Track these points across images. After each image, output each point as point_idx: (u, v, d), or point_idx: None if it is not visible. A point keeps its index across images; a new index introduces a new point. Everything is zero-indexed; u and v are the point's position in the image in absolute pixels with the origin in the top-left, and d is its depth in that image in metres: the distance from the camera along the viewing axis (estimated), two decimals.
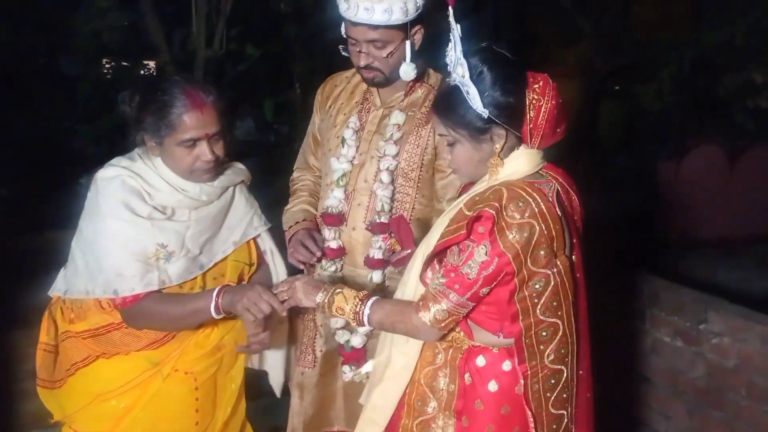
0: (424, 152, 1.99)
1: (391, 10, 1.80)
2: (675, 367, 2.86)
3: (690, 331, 2.80)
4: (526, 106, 1.50)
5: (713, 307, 2.74)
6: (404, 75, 1.91)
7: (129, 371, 1.84)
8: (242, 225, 1.94)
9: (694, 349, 2.78)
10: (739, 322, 2.64)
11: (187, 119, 1.70)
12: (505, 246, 1.44)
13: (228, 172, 1.92)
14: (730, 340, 2.65)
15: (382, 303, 1.60)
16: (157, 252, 1.75)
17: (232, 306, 1.73)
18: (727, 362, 2.65)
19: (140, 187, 1.76)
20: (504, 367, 1.56)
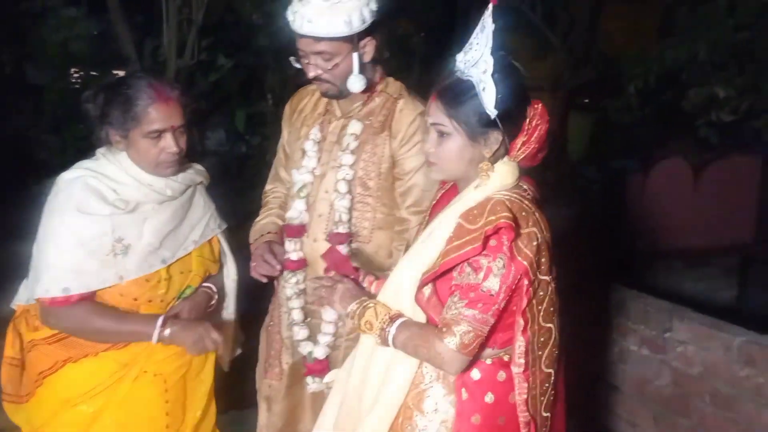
0: (382, 160, 1.98)
1: (334, 23, 1.81)
2: (642, 375, 2.90)
3: (656, 339, 2.84)
4: (525, 121, 1.52)
5: (678, 315, 2.78)
6: (351, 87, 1.91)
7: (97, 374, 1.82)
8: (201, 224, 1.97)
9: (660, 357, 2.82)
10: (703, 331, 2.69)
11: (153, 111, 1.76)
12: (521, 256, 1.45)
13: (189, 170, 1.96)
14: (695, 348, 2.70)
15: (408, 325, 1.54)
16: (114, 247, 1.76)
17: (176, 340, 1.80)
18: (692, 370, 2.70)
19: (103, 185, 1.79)
20: (499, 378, 1.56)
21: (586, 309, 3.17)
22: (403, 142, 1.96)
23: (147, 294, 1.84)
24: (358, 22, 1.82)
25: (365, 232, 2.01)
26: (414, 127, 1.96)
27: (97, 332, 1.79)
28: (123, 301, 1.82)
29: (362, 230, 2.01)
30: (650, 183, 6.01)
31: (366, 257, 2.00)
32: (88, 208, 1.75)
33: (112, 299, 1.81)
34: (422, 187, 1.96)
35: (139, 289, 1.82)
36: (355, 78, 1.89)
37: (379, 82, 2.02)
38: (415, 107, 1.98)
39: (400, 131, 1.96)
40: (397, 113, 1.98)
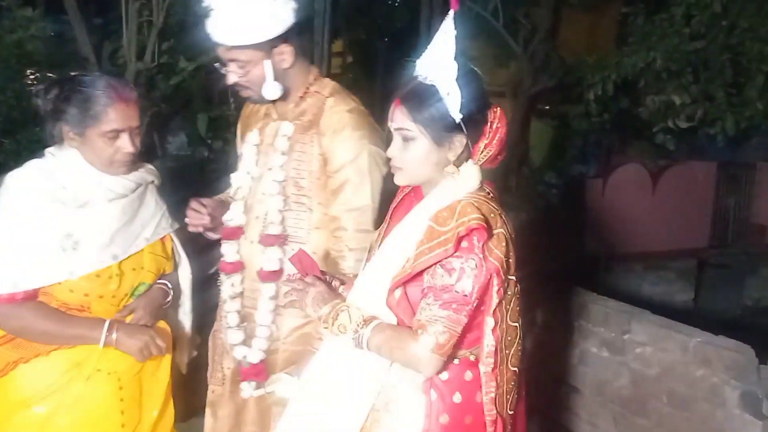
0: (312, 159, 1.98)
1: (242, 31, 1.82)
2: (602, 376, 2.95)
3: (615, 341, 2.90)
4: (487, 125, 1.54)
5: (637, 318, 2.84)
6: (266, 94, 1.92)
7: (50, 373, 1.80)
8: (153, 223, 1.97)
9: (619, 358, 2.87)
10: (660, 332, 2.74)
11: (112, 111, 1.76)
12: (492, 257, 1.46)
13: (141, 169, 1.96)
14: (653, 350, 2.75)
15: (382, 328, 1.52)
16: (63, 243, 1.75)
17: (123, 346, 1.81)
18: (650, 371, 2.75)
19: (52, 183, 1.78)
20: (466, 377, 1.56)
21: (547, 312, 3.22)
22: (332, 138, 1.96)
23: (98, 289, 1.82)
24: (268, 30, 1.84)
25: (302, 233, 2.00)
26: (343, 122, 1.96)
27: (42, 334, 1.78)
28: (73, 297, 1.80)
29: (299, 231, 2.00)
30: (609, 188, 6.13)
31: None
32: (35, 205, 1.75)
33: (63, 295, 1.79)
34: (354, 183, 1.95)
35: (89, 284, 1.80)
36: (268, 85, 1.91)
37: (312, 84, 2.04)
38: (345, 104, 1.99)
39: (329, 127, 1.96)
40: (326, 111, 1.99)
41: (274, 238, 1.97)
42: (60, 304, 1.80)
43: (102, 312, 1.85)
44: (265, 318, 2.02)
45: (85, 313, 1.83)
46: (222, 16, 1.82)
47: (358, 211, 1.95)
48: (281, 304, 2.03)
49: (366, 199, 1.95)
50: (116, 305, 1.87)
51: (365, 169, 1.94)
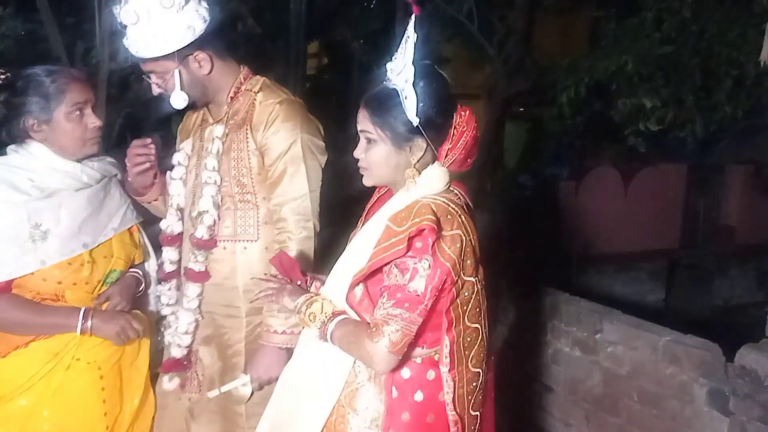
0: (249, 155, 2.00)
1: (150, 44, 1.84)
2: (574, 375, 2.99)
3: (587, 341, 2.94)
4: (450, 129, 1.55)
5: (608, 317, 2.89)
6: (173, 103, 1.93)
7: (29, 365, 1.81)
8: (120, 214, 2.00)
9: (591, 358, 2.92)
10: (631, 332, 2.79)
11: (72, 87, 1.82)
12: (444, 257, 1.48)
13: (105, 161, 2.00)
14: (624, 348, 2.80)
15: (346, 322, 1.55)
16: (32, 234, 1.78)
17: (100, 332, 1.83)
18: (621, 369, 2.80)
19: (16, 176, 1.81)
20: (428, 377, 1.58)
21: (520, 312, 3.26)
22: (264, 131, 1.97)
23: (70, 277, 1.84)
24: (176, 41, 1.85)
25: (252, 230, 2.02)
26: (274, 115, 1.97)
27: (18, 324, 1.80)
28: (47, 286, 1.82)
29: (248, 228, 2.02)
30: (582, 190, 6.20)
31: (258, 255, 2.01)
32: (1, 198, 1.77)
33: (36, 285, 1.81)
34: (290, 173, 1.97)
35: (62, 273, 1.82)
36: (175, 94, 1.91)
37: (243, 83, 2.05)
38: (275, 96, 2.01)
39: (262, 122, 1.98)
40: (257, 106, 2.00)
41: (203, 242, 1.99)
42: (34, 295, 1.82)
43: (77, 301, 1.86)
44: (188, 317, 2.05)
45: (60, 302, 1.85)
46: (133, 30, 1.84)
47: (297, 200, 1.96)
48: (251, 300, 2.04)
49: (303, 188, 1.96)
50: (90, 293, 1.89)
51: (299, 158, 1.96)
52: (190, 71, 1.91)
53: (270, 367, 1.89)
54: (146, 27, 1.82)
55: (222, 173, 2.00)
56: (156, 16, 1.81)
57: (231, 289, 2.03)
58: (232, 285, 2.03)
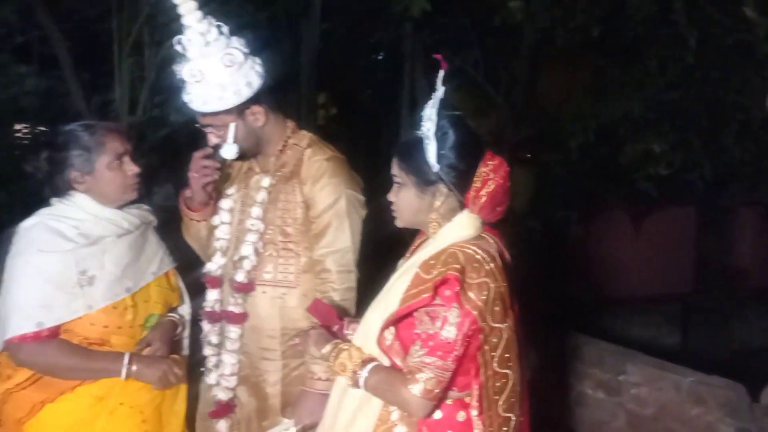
0: (295, 207, 2.10)
1: (208, 99, 1.95)
2: (599, 418, 2.99)
3: (610, 382, 2.95)
4: (474, 175, 1.61)
5: (631, 359, 2.91)
6: (224, 154, 2.04)
7: (75, 410, 1.87)
8: (157, 259, 2.10)
9: (615, 399, 2.92)
10: (654, 373, 2.81)
11: (111, 138, 1.95)
12: (470, 305, 1.53)
13: (144, 208, 2.10)
14: (648, 390, 2.81)
15: (379, 369, 1.61)
16: (79, 280, 1.85)
17: (143, 377, 1.90)
18: (646, 411, 2.81)
19: (63, 224, 1.89)
20: (459, 418, 1.63)
21: (539, 354, 3.27)
22: (312, 185, 2.09)
23: (116, 321, 1.92)
24: (234, 97, 1.96)
25: (292, 278, 2.11)
26: (322, 170, 2.09)
27: (66, 369, 1.86)
28: (94, 330, 1.89)
29: (288, 275, 2.11)
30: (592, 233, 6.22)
31: (296, 301, 2.09)
32: (49, 246, 1.85)
33: (84, 330, 1.88)
34: (335, 226, 2.07)
35: (107, 317, 1.90)
36: (227, 147, 2.02)
37: (291, 137, 2.17)
38: (322, 153, 2.14)
39: (310, 176, 2.09)
40: (305, 161, 2.12)
41: (242, 285, 2.09)
42: (81, 340, 1.89)
43: (121, 345, 1.93)
44: (231, 358, 2.13)
45: (106, 346, 1.92)
46: (193, 86, 1.94)
47: (340, 252, 2.06)
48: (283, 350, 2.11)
49: (346, 241, 2.07)
50: (133, 337, 1.97)
51: (344, 213, 2.07)
52: (246, 124, 2.02)
53: (313, 412, 1.93)
54: (207, 84, 1.92)
55: (267, 222, 2.10)
56: (217, 74, 1.92)
57: (269, 332, 2.11)
58: (270, 328, 2.11)
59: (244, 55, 1.98)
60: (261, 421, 2.14)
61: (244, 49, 1.99)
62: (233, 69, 1.94)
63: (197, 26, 1.91)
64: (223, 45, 1.95)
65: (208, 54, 1.92)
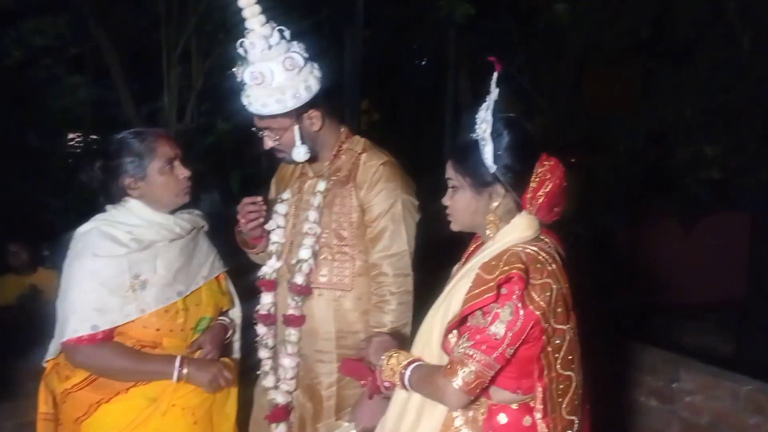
0: (351, 211, 2.11)
1: (268, 102, 1.96)
2: (651, 426, 2.92)
3: (664, 390, 2.88)
4: (531, 176, 1.60)
5: (685, 366, 2.83)
6: (295, 156, 2.06)
7: (130, 411, 1.91)
8: (208, 263, 2.13)
9: (669, 407, 2.85)
10: (709, 380, 2.73)
11: (161, 144, 1.98)
12: (533, 306, 1.51)
13: (194, 213, 2.13)
14: (703, 398, 2.73)
15: (420, 367, 1.62)
16: (132, 284, 1.90)
17: (194, 379, 1.94)
18: (701, 419, 2.73)
19: (117, 229, 1.94)
20: (525, 423, 1.61)
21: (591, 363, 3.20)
22: (368, 190, 2.10)
23: (167, 324, 1.95)
24: (293, 100, 1.98)
25: (347, 281, 2.13)
26: (378, 175, 2.10)
27: (121, 371, 1.91)
28: (147, 333, 1.93)
29: (344, 279, 2.13)
30: (641, 240, 6.11)
31: (351, 304, 2.12)
32: (104, 250, 1.90)
33: (137, 332, 1.92)
34: (391, 230, 2.09)
35: (159, 320, 1.94)
36: (297, 149, 2.05)
37: (345, 142, 2.18)
38: (378, 158, 2.14)
39: (366, 181, 2.10)
40: (361, 165, 2.13)
41: (300, 288, 2.10)
42: (134, 342, 1.93)
43: (173, 348, 1.97)
44: (290, 361, 2.14)
45: (158, 349, 1.96)
46: (253, 89, 1.96)
47: (397, 256, 2.08)
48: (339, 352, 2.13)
49: (403, 245, 2.09)
50: (185, 340, 2.00)
51: (400, 217, 2.09)
52: (303, 128, 2.04)
53: (373, 416, 1.93)
54: (267, 87, 1.94)
55: (322, 225, 2.12)
56: (277, 77, 1.94)
57: (324, 334, 2.12)
58: (326, 331, 2.12)
59: (304, 59, 2.00)
60: (315, 424, 2.16)
61: (305, 54, 2.01)
62: (293, 72, 1.96)
63: (260, 30, 1.93)
64: (284, 49, 1.97)
65: (270, 57, 1.94)
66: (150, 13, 4.89)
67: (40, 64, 4.88)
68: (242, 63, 1.97)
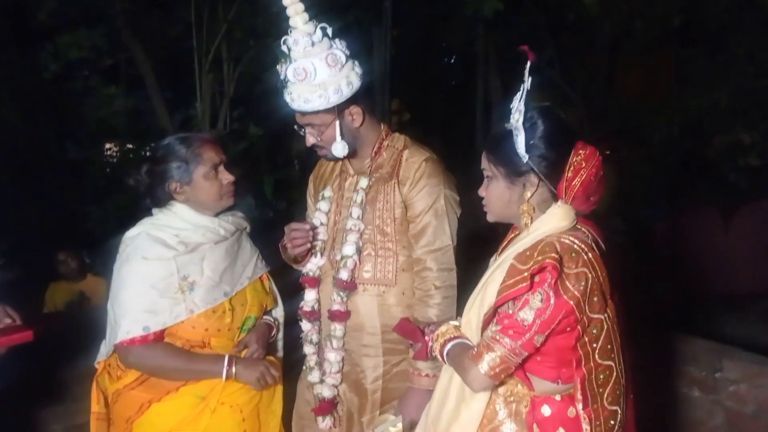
0: (395, 207, 2.12)
1: (311, 99, 1.97)
2: (695, 417, 2.88)
3: (706, 380, 2.83)
4: (566, 165, 1.57)
5: (727, 355, 2.78)
6: (335, 152, 2.07)
7: (180, 409, 1.95)
8: (252, 264, 2.16)
9: (712, 397, 2.80)
10: (754, 369, 2.68)
11: (206, 149, 2.01)
12: (567, 295, 1.50)
13: (237, 215, 2.17)
14: (747, 387, 2.68)
15: (458, 345, 1.65)
16: (181, 285, 1.94)
17: (242, 378, 1.99)
18: (746, 409, 2.68)
19: (164, 233, 1.98)
20: (569, 414, 1.60)
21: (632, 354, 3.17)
22: (411, 186, 2.11)
23: (215, 324, 1.99)
24: (335, 95, 1.99)
25: (390, 276, 2.14)
26: (420, 172, 2.11)
27: (172, 371, 1.95)
28: (195, 333, 1.97)
29: (387, 274, 2.14)
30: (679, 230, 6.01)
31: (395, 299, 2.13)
32: (153, 254, 1.94)
33: (186, 333, 1.96)
34: (434, 225, 2.10)
35: (207, 320, 1.97)
36: (337, 144, 2.06)
37: (385, 139, 2.19)
38: (420, 154, 2.14)
39: (408, 177, 2.11)
40: (403, 162, 2.14)
41: (346, 284, 2.12)
42: (184, 342, 1.97)
43: (221, 347, 2.00)
44: (333, 355, 2.15)
45: (207, 349, 1.99)
46: (296, 85, 1.97)
47: (440, 251, 2.08)
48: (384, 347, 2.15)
49: (446, 240, 2.09)
50: (232, 339, 2.03)
51: (443, 213, 2.09)
52: (344, 124, 2.05)
53: (419, 408, 1.93)
54: (310, 83, 1.96)
55: (365, 222, 2.13)
56: (320, 73, 1.97)
57: (369, 329, 2.14)
58: (371, 325, 2.14)
59: (346, 56, 2.02)
60: (361, 417, 2.18)
61: (346, 51, 2.04)
62: (336, 69, 1.98)
63: (304, 27, 1.95)
64: (326, 46, 1.99)
65: (313, 54, 1.96)
66: (181, 21, 4.98)
67: (76, 77, 4.99)
68: (285, 60, 1.99)
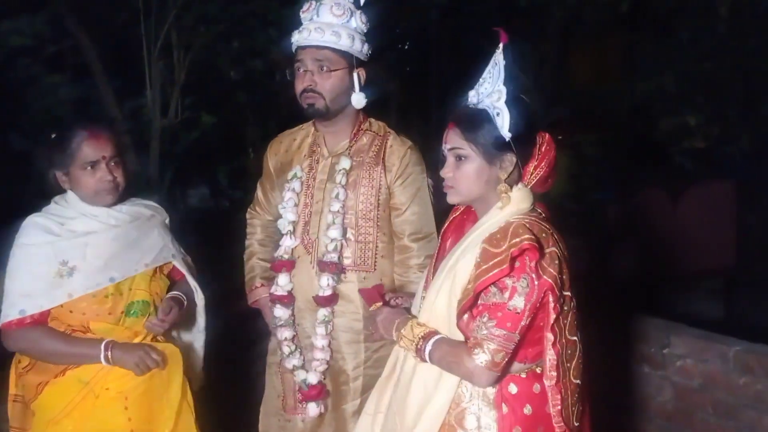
0: (379, 192, 2.13)
1: (341, 36, 2.03)
2: (644, 392, 2.96)
3: (655, 356, 2.91)
4: (534, 148, 1.64)
5: (675, 332, 2.86)
6: (355, 103, 2.09)
7: (66, 393, 1.97)
8: (154, 251, 2.14)
9: (660, 373, 2.88)
10: (699, 344, 2.76)
11: (86, 145, 1.98)
12: (546, 275, 1.53)
13: (138, 205, 2.18)
14: (693, 362, 2.76)
15: (442, 342, 1.62)
16: (60, 270, 1.95)
17: (120, 362, 1.98)
18: (692, 383, 2.76)
19: (49, 221, 1.99)
20: (534, 390, 1.63)
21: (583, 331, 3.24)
22: (397, 175, 2.13)
23: (94, 308, 2.00)
24: (359, 44, 2.06)
25: (369, 261, 2.15)
26: (406, 159, 2.13)
27: (50, 354, 1.97)
28: (73, 318, 1.99)
29: (367, 260, 2.15)
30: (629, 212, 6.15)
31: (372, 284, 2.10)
32: (32, 240, 1.97)
33: (65, 316, 1.98)
34: (420, 214, 2.13)
35: (87, 304, 1.99)
36: (357, 96, 2.08)
37: (363, 122, 2.19)
38: (403, 142, 2.16)
39: (394, 165, 2.13)
40: (388, 148, 2.14)
41: (331, 266, 2.11)
42: (65, 327, 2.00)
43: (102, 331, 2.00)
44: (321, 341, 2.15)
45: (88, 334, 2.01)
46: (324, 19, 2.04)
47: (427, 238, 2.13)
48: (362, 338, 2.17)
49: (431, 227, 2.14)
50: (115, 324, 2.03)
51: (427, 200, 2.14)
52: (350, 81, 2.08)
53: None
54: (343, 22, 2.05)
55: (346, 207, 2.13)
56: (354, 19, 2.07)
57: (352, 314, 2.14)
58: (353, 311, 2.14)
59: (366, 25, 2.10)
60: (342, 405, 2.18)
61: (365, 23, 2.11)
62: (363, 27, 2.08)
63: None
64: (358, 6, 2.10)
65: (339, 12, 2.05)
66: (128, 7, 4.86)
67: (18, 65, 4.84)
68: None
